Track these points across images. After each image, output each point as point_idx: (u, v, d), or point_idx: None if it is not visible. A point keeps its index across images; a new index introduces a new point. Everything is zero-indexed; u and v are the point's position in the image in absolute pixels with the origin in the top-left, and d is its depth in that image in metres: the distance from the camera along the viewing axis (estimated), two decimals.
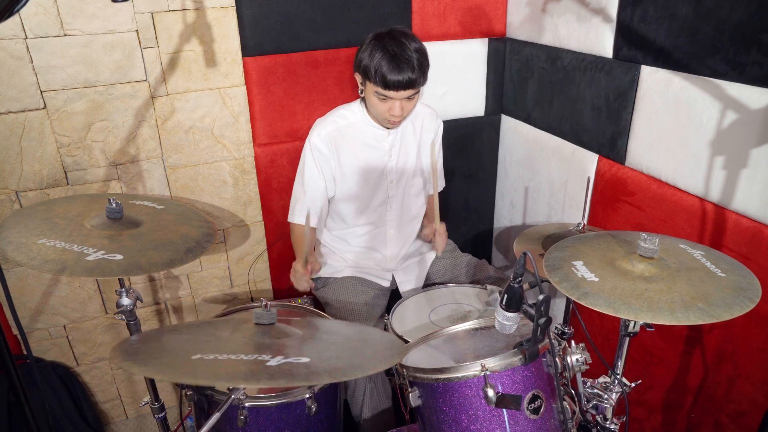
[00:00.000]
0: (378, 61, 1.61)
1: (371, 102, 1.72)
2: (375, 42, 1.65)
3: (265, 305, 1.13)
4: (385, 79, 1.61)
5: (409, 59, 1.61)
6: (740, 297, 1.04)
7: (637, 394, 1.82)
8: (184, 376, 0.86)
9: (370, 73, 1.64)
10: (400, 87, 1.63)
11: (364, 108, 1.82)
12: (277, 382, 0.84)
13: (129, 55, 1.76)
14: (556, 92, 2.04)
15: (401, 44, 1.63)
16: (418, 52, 1.65)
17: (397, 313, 1.76)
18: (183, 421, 2.07)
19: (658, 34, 1.57)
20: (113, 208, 1.34)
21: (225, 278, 2.20)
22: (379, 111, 1.72)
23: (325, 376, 0.87)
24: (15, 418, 1.82)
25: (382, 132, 1.83)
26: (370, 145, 1.84)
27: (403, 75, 1.61)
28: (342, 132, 1.81)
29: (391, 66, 1.60)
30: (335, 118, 1.83)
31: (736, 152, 1.40)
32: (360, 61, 1.68)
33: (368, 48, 1.65)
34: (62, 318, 1.98)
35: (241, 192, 2.09)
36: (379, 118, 1.76)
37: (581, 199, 1.90)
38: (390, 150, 1.85)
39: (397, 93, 1.64)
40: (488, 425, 1.16)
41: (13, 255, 1.17)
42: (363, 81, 1.71)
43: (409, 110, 1.74)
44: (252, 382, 0.83)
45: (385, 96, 1.66)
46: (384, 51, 1.61)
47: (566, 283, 1.12)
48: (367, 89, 1.71)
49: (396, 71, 1.60)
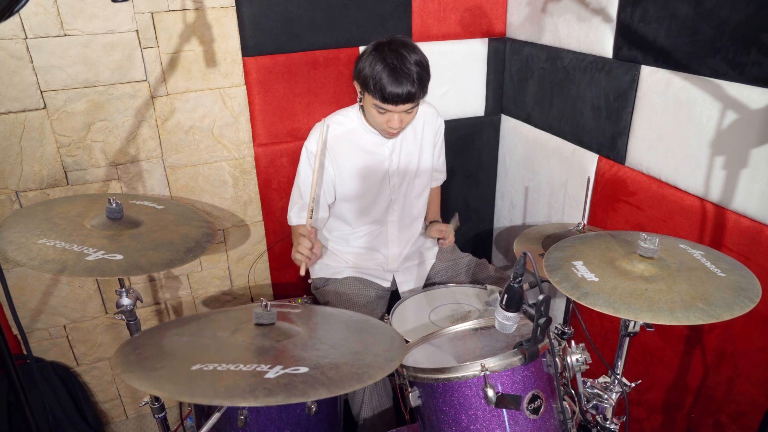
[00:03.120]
0: (378, 73, 1.58)
1: (370, 113, 1.70)
2: (375, 53, 1.62)
3: (265, 305, 1.13)
4: (384, 93, 1.59)
5: (408, 73, 1.58)
6: (740, 297, 1.04)
7: (637, 394, 1.82)
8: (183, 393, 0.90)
9: (369, 85, 1.61)
10: (399, 101, 1.60)
11: (362, 115, 1.81)
12: (275, 399, 0.86)
13: (129, 55, 1.76)
14: (556, 92, 2.04)
15: (401, 57, 1.60)
16: (419, 65, 1.61)
17: (397, 313, 1.76)
18: (183, 421, 2.08)
19: (658, 34, 1.57)
20: (113, 208, 1.34)
21: (225, 278, 2.20)
22: (378, 122, 1.70)
23: (322, 391, 0.90)
24: (15, 418, 1.82)
25: (381, 138, 1.82)
26: (370, 151, 1.83)
27: (402, 89, 1.58)
28: (339, 139, 1.81)
29: (391, 79, 1.57)
30: (332, 124, 1.82)
31: (736, 152, 1.40)
32: (360, 71, 1.65)
33: (368, 58, 1.62)
34: (62, 318, 1.98)
35: (241, 192, 2.09)
36: (377, 128, 1.75)
37: (581, 199, 1.90)
38: (390, 155, 1.85)
39: (395, 107, 1.62)
40: (488, 425, 1.16)
41: (13, 255, 1.17)
42: (362, 91, 1.69)
43: (408, 122, 1.72)
44: (250, 401, 0.86)
45: (383, 109, 1.64)
46: (384, 63, 1.58)
47: (566, 283, 1.13)
48: (365, 100, 1.69)
49: (395, 84, 1.58)
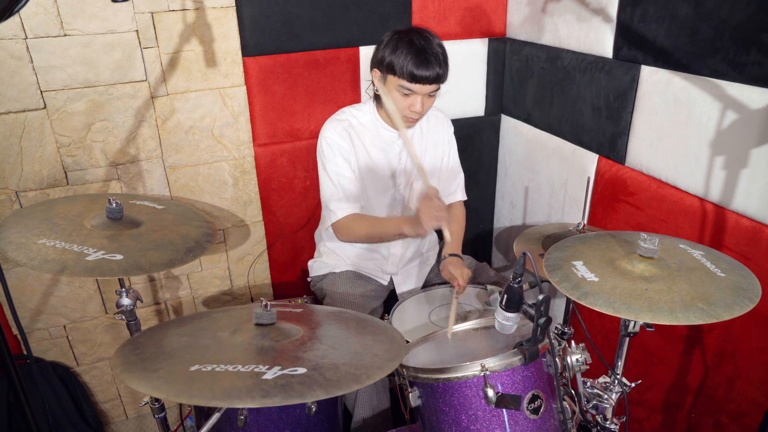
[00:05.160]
0: (405, 54, 1.60)
1: (393, 97, 1.68)
2: (398, 38, 1.63)
3: (265, 305, 1.13)
4: (413, 73, 1.59)
5: (436, 54, 1.61)
6: (740, 297, 1.04)
7: (637, 394, 1.81)
8: (181, 394, 0.90)
9: (395, 66, 1.61)
10: (427, 81, 1.61)
11: (375, 109, 1.81)
12: (272, 401, 0.86)
13: (129, 55, 1.76)
14: (556, 92, 2.04)
15: (426, 39, 1.62)
16: (441, 47, 1.65)
17: (397, 313, 1.76)
18: (183, 421, 2.08)
19: (658, 34, 1.57)
20: (113, 208, 1.34)
21: (225, 278, 2.20)
22: (401, 107, 1.68)
23: (320, 392, 0.90)
24: (15, 418, 1.82)
25: (393, 134, 1.81)
26: (381, 147, 1.83)
27: (431, 69, 1.60)
28: (355, 129, 1.80)
29: (419, 60, 1.59)
30: (347, 116, 1.81)
31: (736, 152, 1.40)
32: (382, 57, 1.65)
33: (391, 43, 1.63)
34: (62, 318, 1.98)
35: (241, 192, 2.09)
36: (398, 114, 1.70)
37: (581, 199, 1.90)
38: (400, 152, 1.84)
39: (422, 87, 1.63)
40: (488, 425, 1.16)
41: (13, 255, 1.17)
42: (383, 76, 1.68)
43: (428, 108, 1.72)
44: (247, 402, 0.86)
45: (409, 90, 1.63)
46: (410, 45, 1.60)
47: (566, 283, 1.13)
48: (388, 84, 1.67)
49: (424, 65, 1.59)
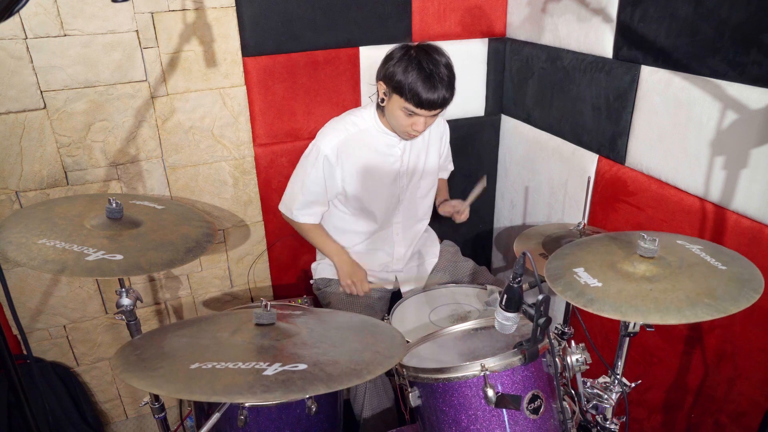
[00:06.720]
0: (413, 78, 1.58)
1: (395, 115, 1.68)
2: (408, 58, 1.61)
3: (265, 305, 1.13)
4: (420, 99, 1.58)
5: (442, 78, 1.59)
6: (745, 289, 1.03)
7: (637, 394, 1.81)
8: (181, 391, 0.89)
9: (403, 89, 1.60)
10: (432, 107, 1.61)
11: (377, 116, 1.80)
12: (273, 396, 0.86)
13: (129, 55, 1.76)
14: (556, 92, 2.04)
15: (435, 61, 1.60)
16: (448, 68, 1.62)
17: (397, 313, 1.76)
18: (183, 421, 2.08)
19: (658, 34, 1.57)
20: (113, 208, 1.34)
21: (225, 278, 2.20)
22: (402, 125, 1.69)
23: (321, 387, 0.89)
24: (15, 418, 1.82)
25: (394, 139, 1.82)
26: (382, 152, 1.83)
27: (437, 95, 1.58)
28: (353, 139, 1.80)
29: (427, 86, 1.57)
30: (346, 125, 1.81)
31: (736, 152, 1.40)
32: (392, 74, 1.62)
33: (402, 62, 1.60)
34: (62, 318, 1.98)
35: (241, 192, 2.09)
36: (399, 130, 1.74)
37: (581, 199, 1.90)
38: (401, 156, 1.85)
39: (427, 111, 1.62)
40: (488, 425, 1.16)
41: (13, 255, 1.17)
42: (389, 92, 1.66)
43: (431, 125, 1.74)
44: (248, 397, 0.86)
45: (413, 113, 1.64)
46: (419, 69, 1.58)
47: (570, 291, 1.09)
48: (392, 102, 1.67)
49: (431, 91, 1.58)
